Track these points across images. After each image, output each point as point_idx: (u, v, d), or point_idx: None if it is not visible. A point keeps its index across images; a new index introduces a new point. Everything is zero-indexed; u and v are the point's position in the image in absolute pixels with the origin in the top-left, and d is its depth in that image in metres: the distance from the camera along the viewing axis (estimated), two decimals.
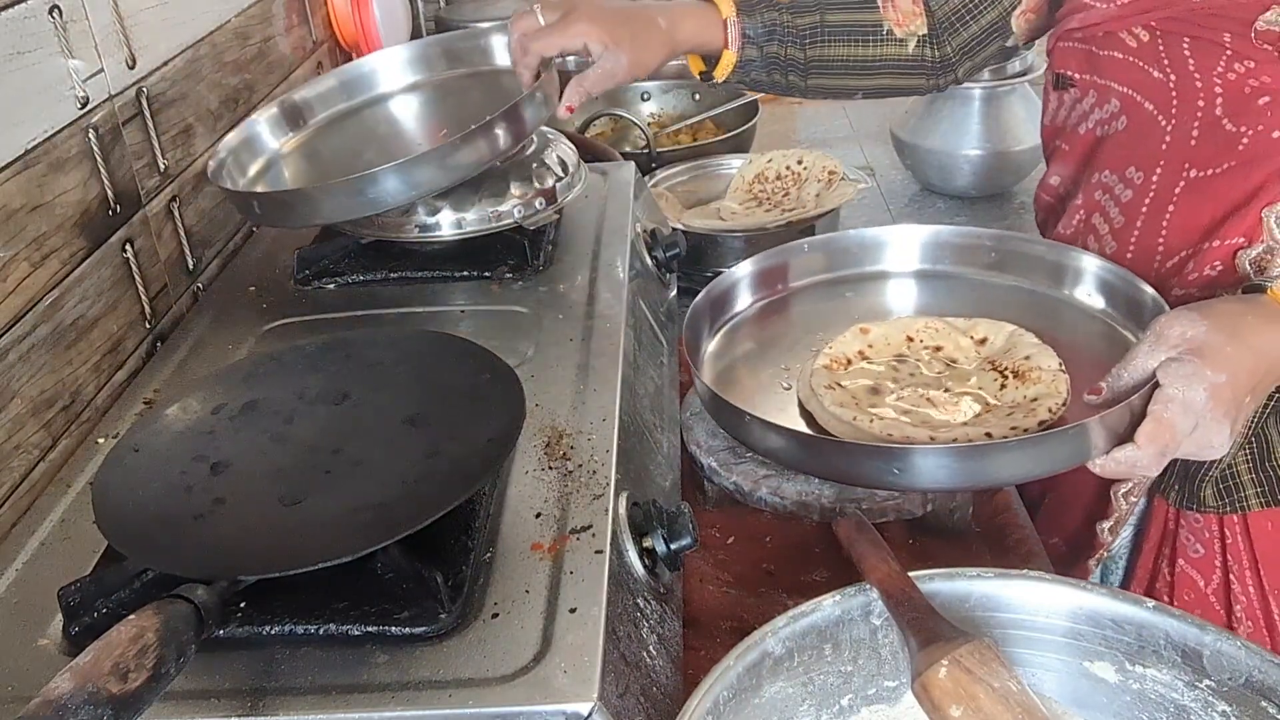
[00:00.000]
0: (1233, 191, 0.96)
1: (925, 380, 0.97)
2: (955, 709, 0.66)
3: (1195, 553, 1.09)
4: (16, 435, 0.90)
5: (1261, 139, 0.94)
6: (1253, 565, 1.06)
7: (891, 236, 1.15)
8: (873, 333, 1.04)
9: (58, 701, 0.53)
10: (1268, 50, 0.90)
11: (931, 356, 1.01)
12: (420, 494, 0.72)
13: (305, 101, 1.27)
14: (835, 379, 0.97)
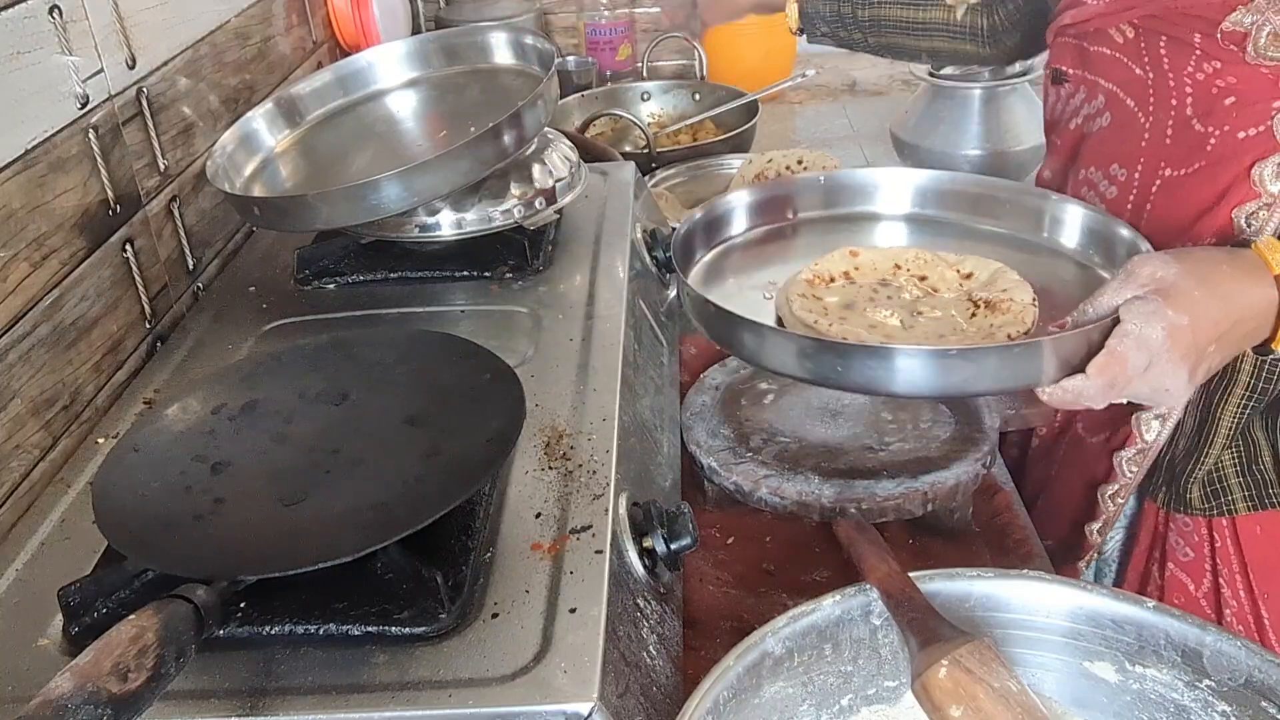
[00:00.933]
0: (1203, 192, 0.96)
1: (901, 304, 0.98)
2: (955, 709, 0.66)
3: (1185, 556, 1.09)
4: (16, 435, 0.90)
5: (1228, 140, 0.94)
6: (1242, 569, 1.06)
7: (886, 178, 1.16)
8: (861, 256, 1.05)
9: (58, 701, 0.53)
10: (1233, 51, 0.90)
11: (914, 284, 1.02)
12: (420, 494, 0.72)
13: (302, 97, 1.27)
14: (814, 292, 1.00)
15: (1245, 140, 0.93)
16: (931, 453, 1.00)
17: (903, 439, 1.02)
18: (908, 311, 0.97)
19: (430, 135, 1.22)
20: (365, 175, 1.01)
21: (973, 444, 1.01)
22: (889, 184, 1.16)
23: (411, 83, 1.31)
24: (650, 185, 1.50)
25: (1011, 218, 1.11)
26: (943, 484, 0.96)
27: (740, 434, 1.04)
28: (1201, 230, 0.97)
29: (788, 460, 1.00)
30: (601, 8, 2.17)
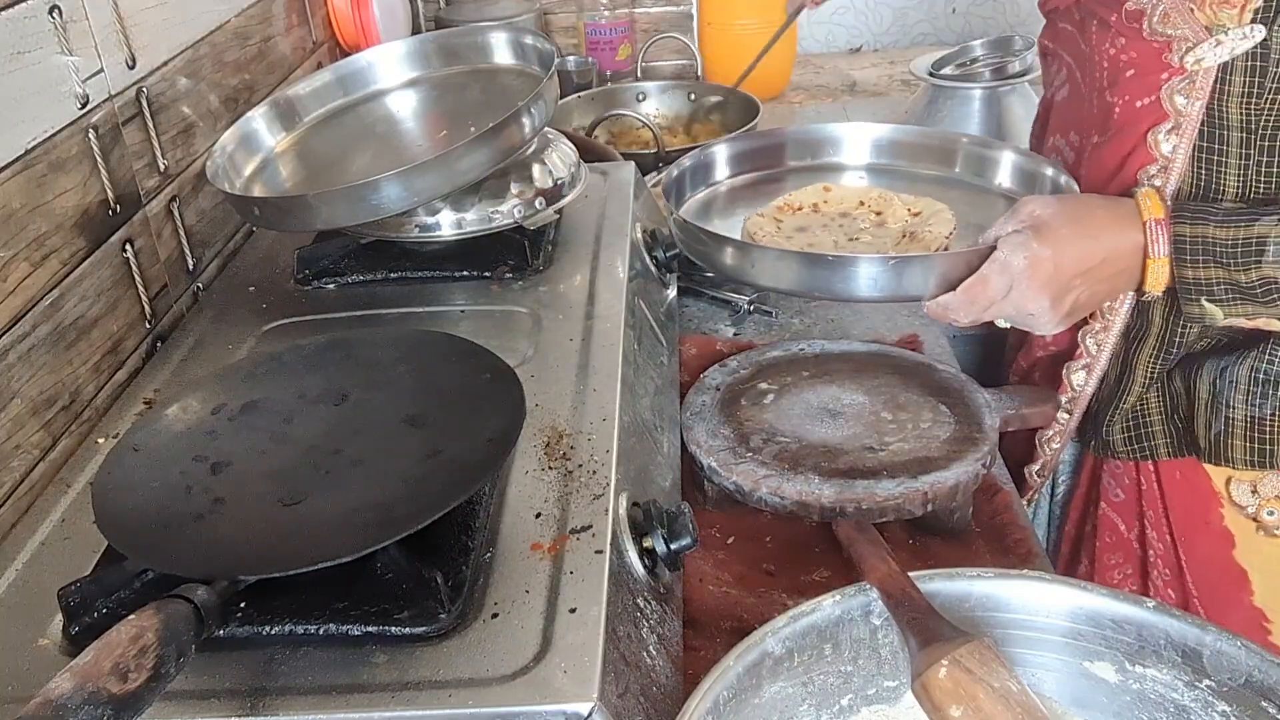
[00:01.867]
0: (1114, 156, 1.04)
1: (847, 231, 1.14)
2: (955, 709, 0.66)
3: (1116, 497, 1.16)
4: (16, 435, 0.90)
5: (1129, 108, 1.02)
6: (1164, 514, 1.11)
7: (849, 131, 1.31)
8: (833, 191, 1.22)
9: (58, 701, 0.53)
10: (1135, 28, 0.98)
11: (869, 218, 1.17)
12: (420, 494, 0.72)
13: (301, 97, 1.27)
14: (779, 216, 1.16)
15: (1142, 109, 1.01)
16: (931, 453, 1.00)
17: (903, 439, 1.02)
18: (847, 236, 1.12)
19: (430, 135, 1.22)
20: (365, 175, 1.01)
21: (973, 444, 1.01)
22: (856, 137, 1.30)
23: (411, 83, 1.31)
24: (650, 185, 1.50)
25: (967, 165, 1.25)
26: (943, 484, 0.96)
27: (740, 434, 1.04)
28: (1114, 191, 1.04)
29: (788, 460, 1.00)
30: (601, 8, 2.17)
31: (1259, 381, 0.99)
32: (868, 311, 1.39)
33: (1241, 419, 1.00)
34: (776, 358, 1.18)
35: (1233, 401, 1.00)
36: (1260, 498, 1.04)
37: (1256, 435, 1.00)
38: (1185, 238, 0.91)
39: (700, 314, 1.41)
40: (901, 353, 1.19)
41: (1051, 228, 0.93)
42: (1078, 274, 0.93)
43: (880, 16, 2.50)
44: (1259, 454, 1.01)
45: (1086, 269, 0.93)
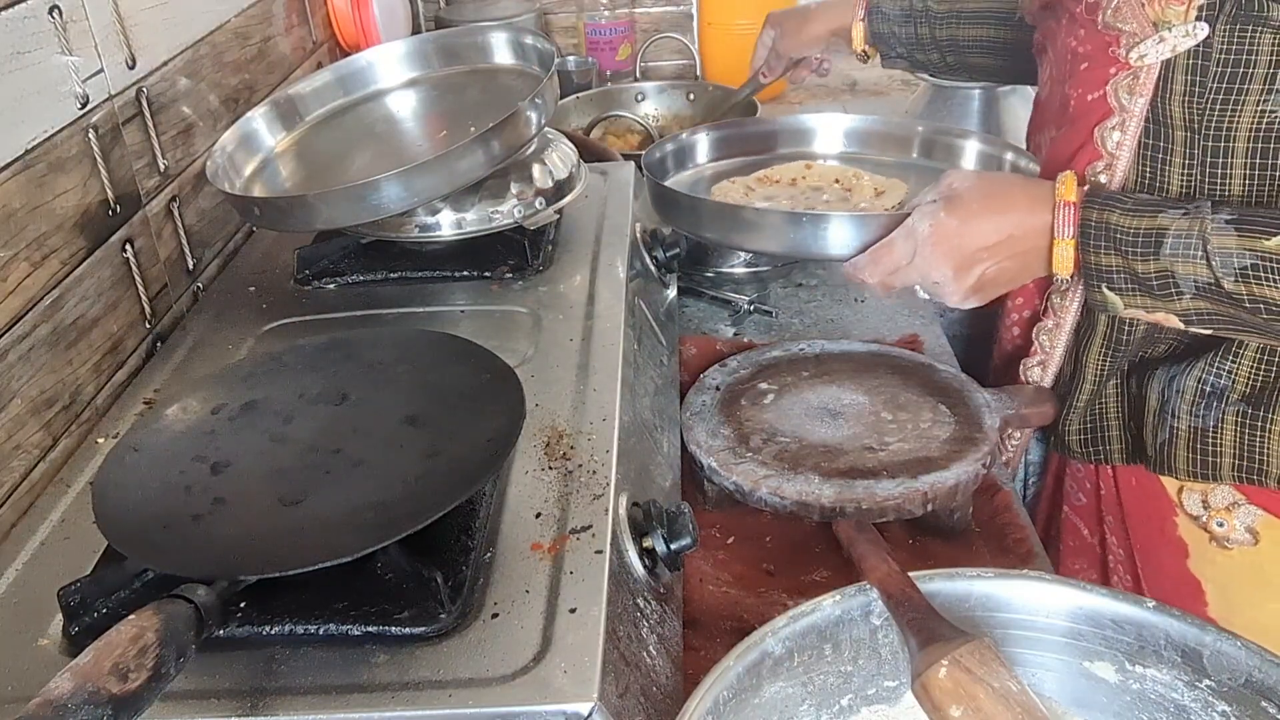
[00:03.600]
0: (1067, 150, 1.05)
1: (812, 203, 1.20)
2: (955, 709, 0.66)
3: (1078, 501, 1.16)
4: (16, 435, 0.90)
5: (1081, 102, 1.02)
6: (1122, 519, 1.11)
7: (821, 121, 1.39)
8: (813, 169, 1.29)
9: (58, 701, 0.53)
10: (1092, 20, 0.99)
11: (837, 193, 1.23)
12: (420, 494, 0.72)
13: (301, 97, 1.27)
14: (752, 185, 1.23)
15: (1092, 102, 1.00)
16: (931, 453, 1.00)
17: (903, 439, 1.02)
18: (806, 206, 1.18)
19: (430, 135, 1.22)
20: (365, 175, 1.01)
21: (973, 444, 1.01)
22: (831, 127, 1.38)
23: (411, 83, 1.31)
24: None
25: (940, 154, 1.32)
26: (943, 484, 0.96)
27: (740, 434, 1.04)
28: None
29: (788, 460, 1.00)
30: (601, 8, 2.17)
31: (1204, 393, 0.98)
32: (868, 312, 1.39)
33: (1186, 429, 0.99)
34: (776, 358, 1.18)
35: (1179, 411, 0.99)
36: (1210, 509, 1.03)
37: (1199, 446, 0.99)
38: (1091, 223, 0.90)
39: (700, 314, 1.41)
40: (901, 353, 1.19)
41: (964, 200, 0.94)
42: (983, 247, 0.93)
43: None
44: (1201, 465, 1.00)
45: (992, 244, 0.93)
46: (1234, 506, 1.01)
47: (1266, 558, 1.02)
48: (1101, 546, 1.15)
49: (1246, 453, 0.98)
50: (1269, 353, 0.95)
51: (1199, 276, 0.85)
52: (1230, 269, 0.84)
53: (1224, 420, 0.97)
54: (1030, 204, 0.93)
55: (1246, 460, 0.98)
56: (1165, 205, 0.89)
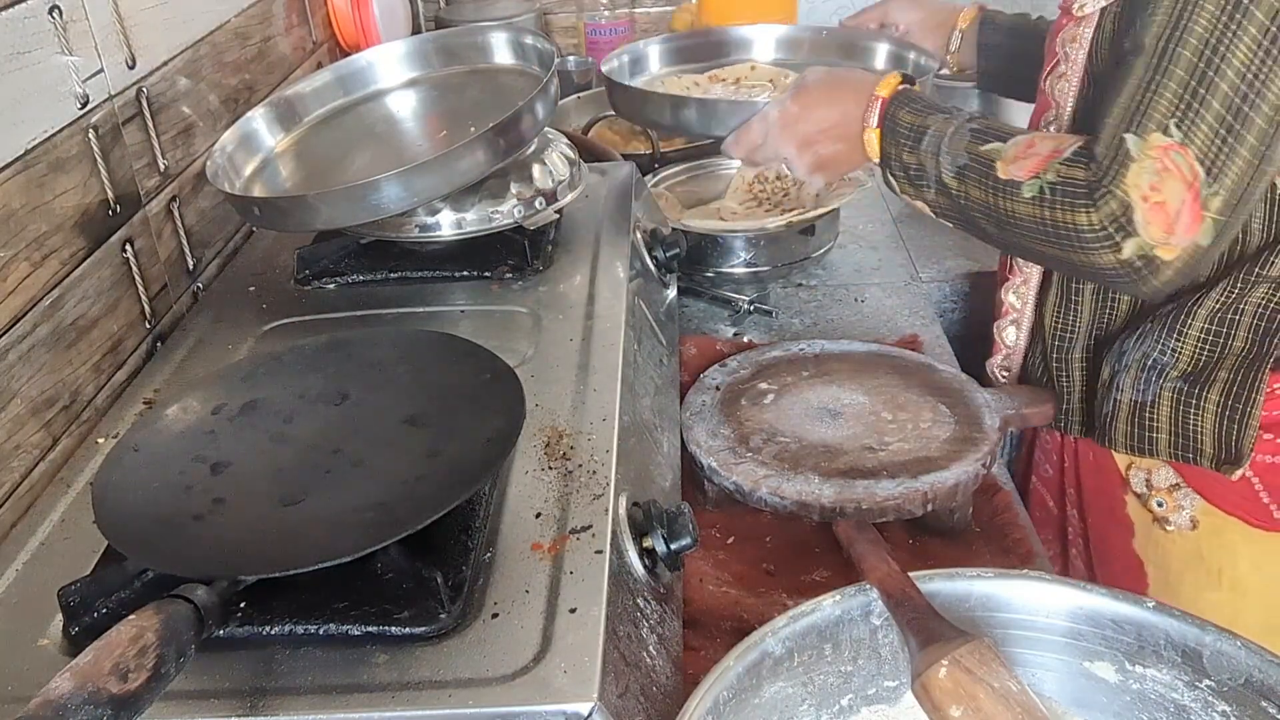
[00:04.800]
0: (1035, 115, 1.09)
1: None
2: (955, 709, 0.66)
3: (1045, 473, 1.21)
4: (16, 435, 0.90)
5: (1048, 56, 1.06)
6: (1079, 494, 1.15)
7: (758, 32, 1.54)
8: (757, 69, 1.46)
9: (58, 701, 0.53)
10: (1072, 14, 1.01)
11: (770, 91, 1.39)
12: (420, 494, 0.72)
13: (301, 97, 1.27)
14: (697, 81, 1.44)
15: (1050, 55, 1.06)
16: (931, 453, 1.00)
17: (903, 439, 1.02)
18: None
19: (430, 135, 1.22)
20: (365, 175, 1.01)
21: (973, 444, 1.01)
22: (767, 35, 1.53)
23: (411, 83, 1.31)
24: (650, 185, 1.51)
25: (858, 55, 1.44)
26: (943, 484, 0.96)
27: (740, 434, 1.04)
28: None
29: (788, 460, 1.00)
30: (601, 8, 2.17)
31: (1145, 368, 1.01)
32: (868, 312, 1.39)
33: (1127, 402, 1.02)
34: (776, 358, 1.18)
35: (1122, 384, 1.03)
36: (1152, 489, 1.06)
37: (1137, 420, 1.02)
38: (889, 116, 1.00)
39: (700, 314, 1.41)
40: (901, 353, 1.19)
41: (809, 91, 1.08)
42: (819, 130, 1.07)
43: None
44: (1139, 439, 1.03)
45: (825, 128, 1.06)
46: (1174, 489, 1.05)
47: (1204, 545, 1.05)
48: (1062, 518, 1.19)
49: (1181, 429, 1.00)
50: (1212, 334, 0.98)
51: (936, 171, 0.96)
52: (951, 167, 0.94)
53: (1161, 395, 1.00)
54: (858, 98, 1.03)
55: (1181, 438, 1.01)
56: (945, 111, 0.99)
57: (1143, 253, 0.84)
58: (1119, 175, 0.83)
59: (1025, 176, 0.88)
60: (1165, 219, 0.83)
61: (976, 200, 0.93)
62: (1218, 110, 0.81)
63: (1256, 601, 1.05)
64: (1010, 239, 0.94)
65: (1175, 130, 0.82)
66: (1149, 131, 0.83)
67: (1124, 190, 0.83)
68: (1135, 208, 0.83)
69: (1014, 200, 0.89)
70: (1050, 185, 0.87)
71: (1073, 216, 0.86)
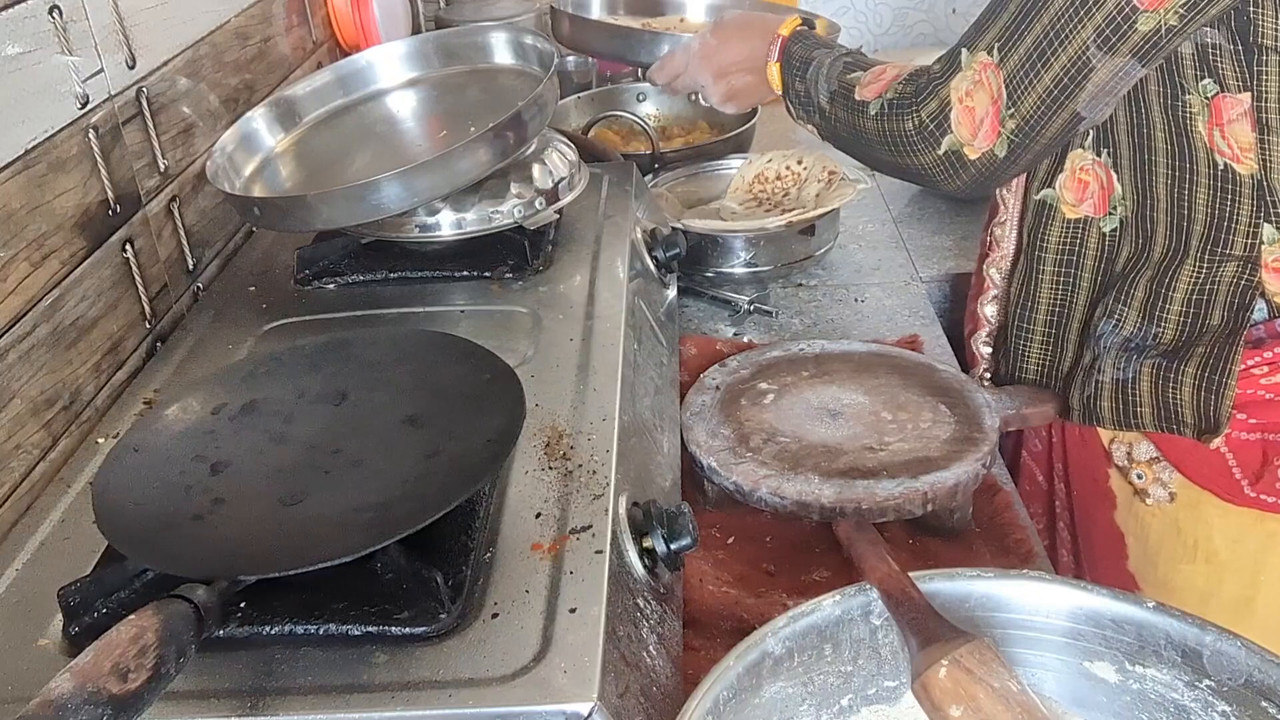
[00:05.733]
0: None
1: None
2: (955, 709, 0.66)
3: (1035, 447, 1.24)
4: (16, 435, 0.90)
5: None
6: (1065, 467, 1.18)
7: None
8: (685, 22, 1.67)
9: (58, 701, 0.53)
10: None
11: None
12: (420, 494, 0.72)
13: (301, 97, 1.27)
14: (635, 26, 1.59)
15: None
16: (931, 453, 1.00)
17: (903, 439, 1.02)
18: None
19: (430, 135, 1.22)
20: (365, 175, 1.01)
21: (973, 444, 1.01)
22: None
23: (411, 83, 1.31)
24: (650, 185, 1.51)
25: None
26: (943, 484, 0.96)
27: (740, 434, 1.04)
28: None
29: (788, 460, 1.00)
30: None
31: (1127, 349, 1.05)
32: (868, 312, 1.39)
33: (1110, 381, 1.06)
34: (776, 358, 1.18)
35: (1104, 366, 1.06)
36: (1133, 461, 1.08)
37: (1120, 396, 1.06)
38: (786, 51, 1.15)
39: (700, 314, 1.41)
40: (901, 353, 1.19)
41: (726, 28, 1.24)
42: (732, 63, 1.22)
43: (880, 17, 2.50)
44: (1124, 414, 1.06)
45: (737, 60, 1.22)
46: (1154, 462, 1.07)
47: (1181, 518, 1.07)
48: (1050, 493, 1.21)
49: (1162, 402, 1.03)
50: (1189, 314, 1.02)
51: (817, 97, 1.10)
52: (825, 93, 1.09)
53: (1141, 371, 1.04)
54: (765, 35, 1.17)
55: (1163, 409, 1.03)
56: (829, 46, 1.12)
57: (953, 148, 0.99)
58: (946, 79, 0.98)
59: (872, 97, 1.03)
60: (971, 123, 0.97)
61: (842, 120, 1.08)
62: (1029, 45, 0.93)
63: (1231, 574, 1.07)
64: (865, 152, 1.09)
65: (996, 53, 0.95)
66: (978, 50, 0.96)
67: (945, 91, 0.98)
68: (951, 106, 0.97)
69: (864, 117, 1.04)
70: (889, 101, 1.02)
71: (903, 124, 1.01)
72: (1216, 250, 1.00)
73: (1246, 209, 0.98)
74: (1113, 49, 0.89)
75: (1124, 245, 1.06)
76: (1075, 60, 0.91)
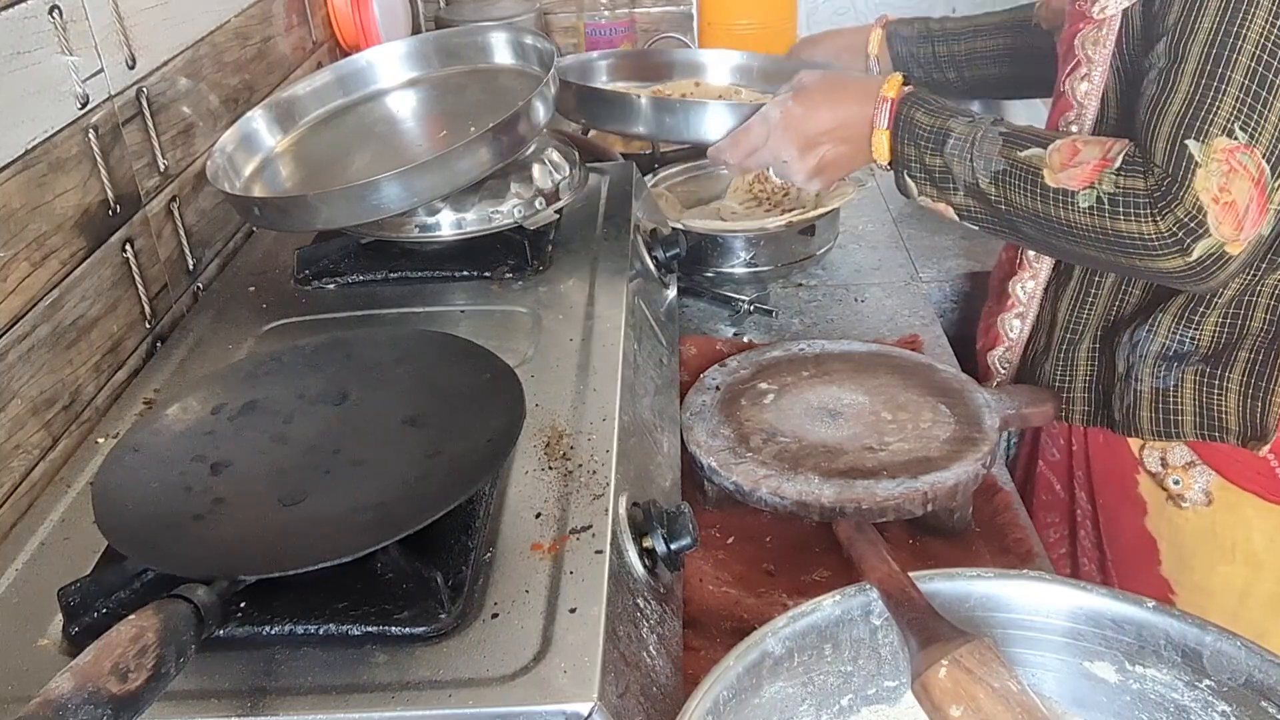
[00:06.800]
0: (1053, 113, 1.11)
1: None
2: (955, 709, 0.66)
3: (1052, 456, 1.22)
4: (16, 435, 0.90)
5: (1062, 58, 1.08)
6: (1088, 477, 1.16)
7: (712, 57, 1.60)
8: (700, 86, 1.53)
9: (58, 701, 0.53)
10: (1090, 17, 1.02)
11: None
12: (420, 494, 0.72)
13: (301, 98, 1.27)
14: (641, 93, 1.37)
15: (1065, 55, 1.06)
16: (931, 453, 1.00)
17: (903, 439, 1.02)
18: None
19: (430, 135, 1.22)
20: (365, 176, 1.01)
21: (973, 444, 1.01)
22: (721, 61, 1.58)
23: (411, 83, 1.31)
24: (650, 185, 1.51)
25: None
26: (943, 484, 0.96)
27: (740, 434, 1.04)
28: None
29: (788, 460, 1.00)
30: (601, 8, 2.17)
31: (1165, 358, 1.04)
32: (868, 312, 1.39)
33: (1149, 390, 1.05)
34: (776, 358, 1.18)
35: (1141, 375, 1.05)
36: (1168, 467, 1.08)
37: (1161, 406, 1.05)
38: (902, 117, 1.02)
39: (700, 314, 1.41)
40: (901, 353, 1.19)
41: (809, 92, 1.09)
42: (823, 132, 1.08)
43: None
44: (1165, 424, 1.05)
45: (829, 129, 1.08)
46: (1190, 466, 1.06)
47: (1219, 521, 1.07)
48: (1071, 501, 1.20)
49: (1206, 409, 1.03)
50: (1229, 318, 1.01)
51: (967, 175, 0.98)
52: (987, 172, 0.96)
53: (1184, 380, 1.03)
54: (862, 98, 1.06)
55: (1206, 417, 1.03)
56: (962, 113, 1.01)
57: (1212, 251, 0.87)
58: (1186, 181, 0.86)
59: (1079, 186, 0.91)
60: (1235, 217, 0.86)
61: (1021, 207, 0.95)
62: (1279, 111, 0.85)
63: (1269, 573, 1.07)
64: (1061, 245, 0.96)
65: (1240, 133, 0.85)
66: (1213, 136, 0.86)
67: (1194, 195, 0.86)
68: (1207, 209, 0.86)
69: (1069, 210, 0.92)
70: (1109, 195, 0.90)
71: (1137, 226, 0.89)
72: (1267, 257, 0.99)
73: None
74: None
75: None
76: None
